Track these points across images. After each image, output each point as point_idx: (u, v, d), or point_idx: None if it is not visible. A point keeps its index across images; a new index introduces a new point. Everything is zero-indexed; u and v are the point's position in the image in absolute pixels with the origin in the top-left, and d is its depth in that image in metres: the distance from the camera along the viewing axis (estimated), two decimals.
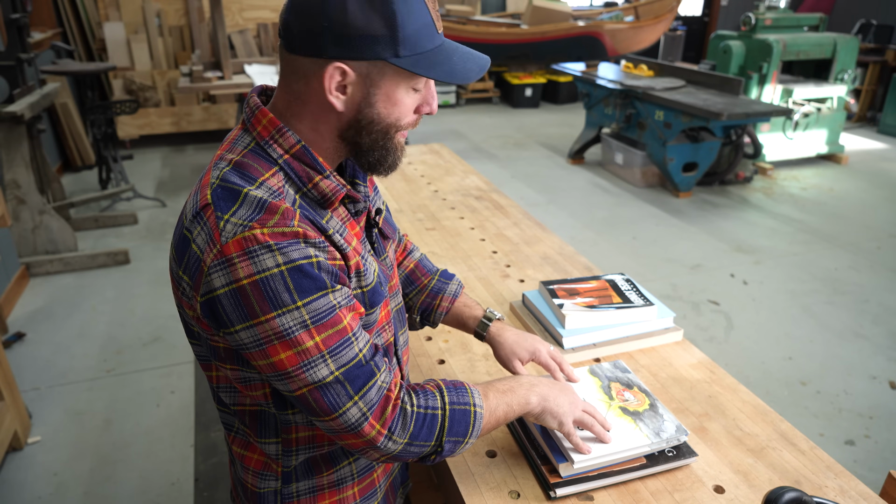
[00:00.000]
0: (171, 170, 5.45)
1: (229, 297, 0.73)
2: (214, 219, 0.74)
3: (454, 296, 1.16)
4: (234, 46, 5.90)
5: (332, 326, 0.76)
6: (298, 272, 0.74)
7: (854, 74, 5.55)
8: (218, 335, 0.79)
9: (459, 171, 2.54)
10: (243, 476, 0.95)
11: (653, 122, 4.80)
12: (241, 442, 0.94)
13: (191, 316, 0.81)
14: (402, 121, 0.82)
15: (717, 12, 9.64)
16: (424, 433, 0.83)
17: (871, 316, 3.24)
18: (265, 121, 0.81)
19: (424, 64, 0.77)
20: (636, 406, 1.10)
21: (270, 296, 0.73)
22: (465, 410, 0.87)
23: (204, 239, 0.75)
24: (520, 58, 7.75)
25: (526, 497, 0.97)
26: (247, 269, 0.72)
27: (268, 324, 0.74)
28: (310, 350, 0.75)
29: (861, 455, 2.31)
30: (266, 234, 0.73)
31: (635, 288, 1.43)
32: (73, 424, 2.41)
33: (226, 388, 0.89)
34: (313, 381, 0.76)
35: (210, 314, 0.76)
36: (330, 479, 0.94)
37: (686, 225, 4.40)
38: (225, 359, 0.83)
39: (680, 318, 3.17)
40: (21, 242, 3.51)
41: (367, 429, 0.79)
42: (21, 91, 3.47)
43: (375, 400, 0.79)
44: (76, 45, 5.81)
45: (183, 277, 0.78)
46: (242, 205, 0.75)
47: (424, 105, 0.84)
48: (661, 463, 1.00)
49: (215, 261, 0.73)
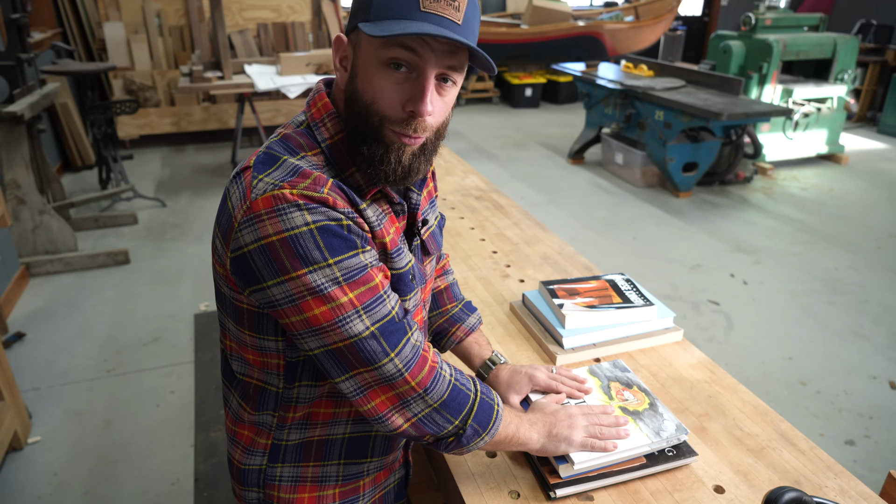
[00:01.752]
0: (171, 170, 5.45)
1: (259, 252, 0.74)
2: (250, 178, 0.77)
3: (471, 329, 1.16)
4: (234, 46, 5.89)
5: (364, 283, 0.77)
6: (327, 232, 0.74)
7: (854, 74, 5.55)
8: (244, 294, 0.80)
9: (459, 171, 2.54)
10: (232, 451, 0.97)
11: (653, 122, 4.80)
12: (233, 417, 0.95)
13: (220, 274, 0.83)
14: (379, 103, 0.77)
15: (717, 12, 9.64)
16: (455, 406, 0.84)
17: (871, 316, 3.24)
18: (320, 104, 0.84)
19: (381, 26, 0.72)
20: (636, 405, 1.10)
21: (300, 253, 0.73)
22: (491, 405, 0.89)
23: (238, 196, 0.77)
24: (520, 58, 7.75)
25: (526, 497, 0.97)
26: (275, 225, 0.73)
27: (300, 279, 0.74)
28: (344, 305, 0.75)
29: (861, 455, 2.31)
30: (295, 195, 0.74)
31: (635, 288, 1.43)
32: (73, 424, 2.41)
33: (237, 358, 0.90)
34: (349, 336, 0.76)
35: (239, 271, 0.77)
36: (315, 472, 0.94)
37: (686, 225, 4.40)
38: (245, 324, 0.84)
39: (680, 318, 3.17)
40: (21, 242, 3.51)
41: (402, 382, 0.79)
42: (21, 91, 3.47)
43: (411, 357, 0.80)
44: (76, 45, 5.81)
45: (218, 235, 0.81)
46: (279, 168, 0.77)
47: (410, 102, 0.77)
48: (661, 463, 1.00)
49: (244, 217, 0.75)
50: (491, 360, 1.13)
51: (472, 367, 1.15)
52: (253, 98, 5.17)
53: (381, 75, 0.77)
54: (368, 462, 0.97)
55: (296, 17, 6.22)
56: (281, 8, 6.17)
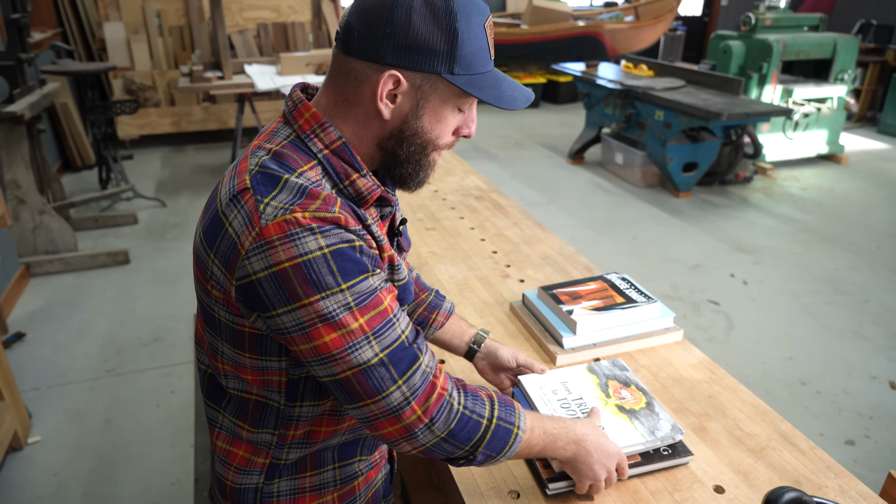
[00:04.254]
0: (171, 170, 5.45)
1: (270, 280, 0.73)
2: (254, 202, 0.74)
3: (449, 313, 1.18)
4: (234, 46, 5.89)
5: (374, 307, 0.76)
6: (341, 255, 0.74)
7: (854, 74, 5.55)
8: (248, 320, 0.78)
9: (459, 171, 2.54)
10: (223, 472, 0.94)
11: (653, 122, 4.80)
12: (227, 437, 0.93)
13: (218, 299, 0.80)
14: (441, 139, 0.84)
15: (717, 12, 9.63)
16: (464, 436, 0.82)
17: (871, 316, 3.24)
18: (308, 115, 0.82)
19: (476, 85, 0.79)
20: (633, 404, 1.10)
21: (314, 279, 0.72)
22: (509, 430, 0.86)
23: (241, 222, 0.74)
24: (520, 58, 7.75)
25: (526, 497, 0.97)
26: (288, 251, 0.72)
27: (311, 306, 0.73)
28: (355, 332, 0.75)
29: (861, 455, 2.31)
30: (308, 218, 0.73)
31: (634, 286, 1.43)
32: (73, 424, 2.41)
33: (233, 376, 0.88)
34: (358, 364, 0.75)
35: (246, 298, 0.76)
36: (312, 482, 0.94)
37: (686, 225, 4.40)
38: (246, 347, 0.82)
39: (680, 318, 3.17)
40: (21, 242, 3.51)
41: (408, 413, 0.78)
42: (21, 91, 3.47)
43: (420, 385, 0.79)
44: (76, 45, 5.81)
45: (215, 262, 0.77)
46: (283, 189, 0.75)
47: (464, 127, 0.86)
48: (657, 461, 1.01)
49: (254, 244, 0.73)
50: (477, 338, 1.17)
51: (461, 347, 1.18)
52: (253, 98, 5.17)
53: (453, 115, 0.84)
54: (359, 461, 0.98)
55: (296, 17, 6.22)
56: (281, 8, 6.17)
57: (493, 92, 0.80)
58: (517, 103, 0.82)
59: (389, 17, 0.74)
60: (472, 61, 0.78)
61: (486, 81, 0.80)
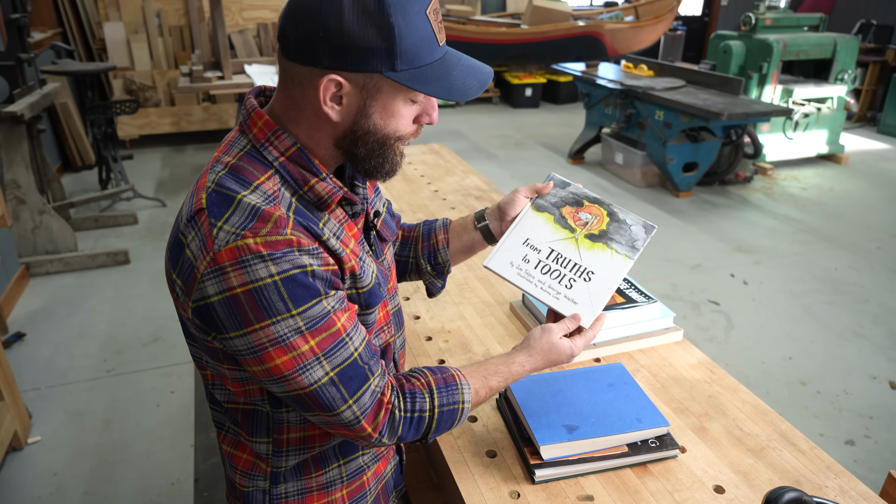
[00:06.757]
0: (171, 170, 5.45)
1: (223, 304, 0.73)
2: (208, 225, 0.74)
3: (445, 226, 1.15)
4: (234, 46, 5.90)
5: (326, 329, 0.76)
6: (292, 282, 0.73)
7: (854, 74, 5.55)
8: (208, 338, 0.79)
9: (459, 171, 2.54)
10: (232, 475, 0.96)
11: (653, 122, 4.80)
12: (231, 441, 0.94)
13: (185, 317, 0.82)
14: (399, 132, 0.82)
15: (717, 12, 9.64)
16: (412, 433, 0.86)
17: (871, 316, 3.24)
18: (261, 123, 0.81)
19: (422, 79, 0.75)
20: (598, 225, 1.03)
21: (264, 305, 0.72)
22: (454, 410, 0.88)
23: (197, 245, 0.74)
24: (520, 58, 7.75)
25: (526, 497, 0.97)
26: (239, 278, 0.72)
27: (262, 331, 0.73)
28: (305, 354, 0.75)
29: (861, 455, 2.31)
30: (259, 244, 0.72)
31: (634, 286, 1.43)
32: (73, 424, 2.40)
33: (220, 386, 0.89)
34: (309, 384, 0.76)
35: (202, 320, 0.76)
36: (319, 482, 0.94)
37: (686, 225, 4.40)
38: (222, 359, 0.83)
39: (680, 318, 3.17)
40: (21, 242, 3.51)
41: (360, 428, 0.81)
42: (21, 91, 3.47)
43: (369, 404, 0.81)
44: (76, 45, 5.81)
45: (177, 281, 0.78)
46: (235, 211, 0.74)
47: (424, 115, 0.83)
48: (644, 452, 1.01)
49: (208, 268, 0.73)
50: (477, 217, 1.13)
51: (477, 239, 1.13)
52: None
53: (406, 108, 0.80)
54: (362, 454, 0.98)
55: None
56: (281, 8, 6.16)
57: (442, 84, 0.77)
58: (469, 91, 0.79)
59: (320, 17, 0.71)
60: (416, 54, 0.74)
61: (434, 72, 0.77)
